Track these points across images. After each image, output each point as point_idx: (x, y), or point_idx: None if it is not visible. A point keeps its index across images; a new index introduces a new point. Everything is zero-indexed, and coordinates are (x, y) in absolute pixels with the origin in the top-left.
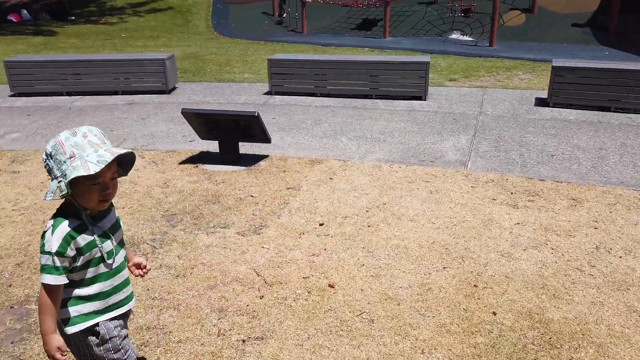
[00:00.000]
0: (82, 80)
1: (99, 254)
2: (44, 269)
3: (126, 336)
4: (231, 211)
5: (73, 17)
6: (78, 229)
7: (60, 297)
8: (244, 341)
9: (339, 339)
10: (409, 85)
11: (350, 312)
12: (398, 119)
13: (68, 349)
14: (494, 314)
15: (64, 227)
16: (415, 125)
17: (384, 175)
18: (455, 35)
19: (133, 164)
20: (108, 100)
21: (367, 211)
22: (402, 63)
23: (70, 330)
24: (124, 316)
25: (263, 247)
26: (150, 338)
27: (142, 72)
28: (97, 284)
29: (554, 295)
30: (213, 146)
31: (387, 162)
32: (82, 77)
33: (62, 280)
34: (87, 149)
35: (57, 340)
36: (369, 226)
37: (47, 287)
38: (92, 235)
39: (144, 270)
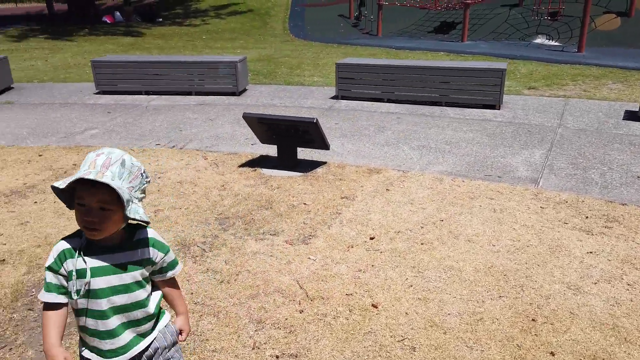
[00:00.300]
0: (160, 81)
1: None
2: (44, 283)
3: None
4: (282, 218)
5: (160, 19)
6: (74, 250)
7: (60, 315)
8: (277, 357)
9: None
10: (482, 93)
11: (391, 336)
12: (467, 128)
13: None
14: (552, 354)
15: (62, 244)
16: (485, 136)
17: (445, 189)
18: (539, 40)
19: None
20: (182, 100)
21: (422, 227)
22: (475, 69)
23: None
24: None
25: (309, 258)
26: (187, 344)
27: (215, 74)
28: (83, 317)
29: (625, 338)
30: (273, 150)
31: (449, 175)
32: (160, 77)
33: (51, 297)
34: (84, 166)
35: (60, 353)
36: (422, 244)
37: (43, 304)
38: (75, 264)
39: (180, 338)
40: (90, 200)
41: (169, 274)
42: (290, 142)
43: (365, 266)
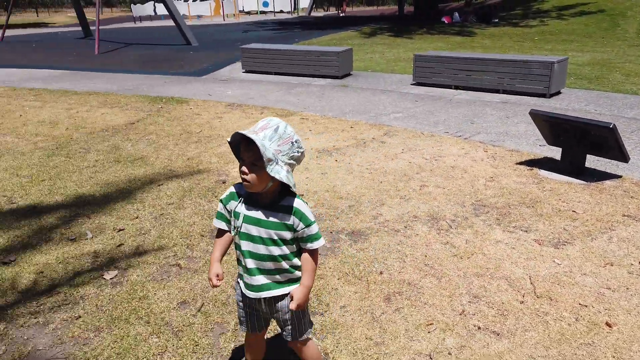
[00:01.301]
0: (470, 77)
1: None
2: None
3: (246, 306)
4: (541, 219)
5: (496, 20)
6: (239, 193)
7: (224, 238)
8: (479, 328)
9: None
10: None
11: (613, 357)
12: None
13: (222, 279)
14: None
15: (234, 187)
16: None
17: None
18: None
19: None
20: (486, 96)
21: None
22: None
23: None
24: (257, 301)
25: (554, 260)
26: (406, 291)
27: (528, 74)
28: (237, 250)
29: None
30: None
31: None
32: (471, 73)
33: (217, 223)
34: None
35: (215, 267)
36: None
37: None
38: (235, 206)
39: (291, 304)
40: (245, 156)
41: (307, 245)
42: (578, 146)
43: (618, 286)
